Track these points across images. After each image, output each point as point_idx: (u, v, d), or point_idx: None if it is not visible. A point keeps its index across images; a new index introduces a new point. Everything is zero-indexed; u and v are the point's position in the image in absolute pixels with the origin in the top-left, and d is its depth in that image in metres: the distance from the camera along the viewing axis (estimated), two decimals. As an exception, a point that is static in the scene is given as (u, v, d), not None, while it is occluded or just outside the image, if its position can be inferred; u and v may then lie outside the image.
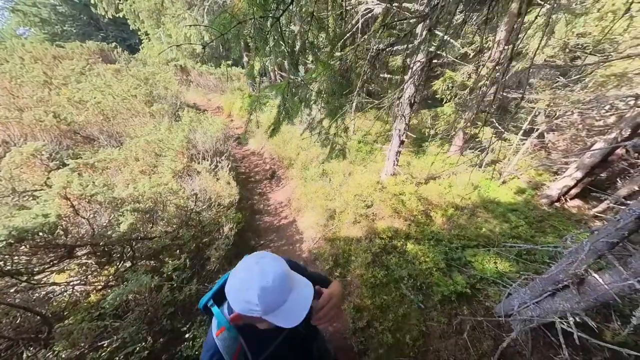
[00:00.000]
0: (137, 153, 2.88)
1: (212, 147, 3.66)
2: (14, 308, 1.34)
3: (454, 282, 2.25)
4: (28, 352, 1.27)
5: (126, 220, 1.77)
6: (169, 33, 6.80)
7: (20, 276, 1.40)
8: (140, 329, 1.49)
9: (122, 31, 14.56)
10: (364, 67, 1.23)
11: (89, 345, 1.38)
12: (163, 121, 3.86)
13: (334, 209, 3.24)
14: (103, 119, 3.77)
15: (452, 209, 3.37)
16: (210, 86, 8.93)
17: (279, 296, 0.54)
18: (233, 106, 7.02)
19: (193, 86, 8.99)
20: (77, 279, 1.68)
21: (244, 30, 0.90)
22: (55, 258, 1.55)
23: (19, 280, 1.40)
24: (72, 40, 10.12)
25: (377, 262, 2.50)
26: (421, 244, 2.71)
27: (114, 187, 2.06)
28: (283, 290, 0.55)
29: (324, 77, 1.42)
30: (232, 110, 7.04)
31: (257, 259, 0.57)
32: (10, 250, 1.34)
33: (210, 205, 2.60)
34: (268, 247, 2.88)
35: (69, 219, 1.66)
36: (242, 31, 0.90)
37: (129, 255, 1.88)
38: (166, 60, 8.13)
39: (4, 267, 1.33)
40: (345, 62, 1.25)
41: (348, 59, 1.24)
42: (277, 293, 0.54)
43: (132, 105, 4.18)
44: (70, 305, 1.59)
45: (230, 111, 7.09)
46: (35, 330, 1.40)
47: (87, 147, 3.37)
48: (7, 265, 1.35)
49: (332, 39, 1.75)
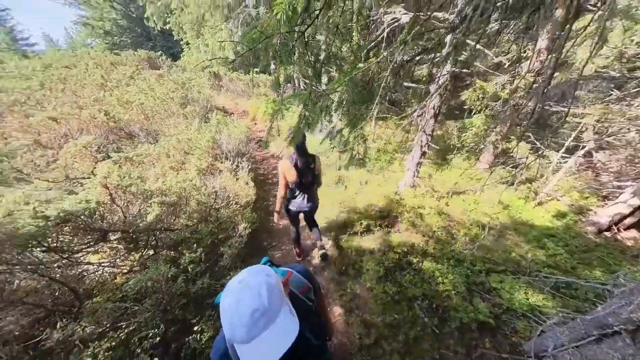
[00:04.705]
0: (169, 150, 3.14)
1: (235, 148, 3.86)
2: (55, 282, 1.51)
3: (475, 309, 2.05)
4: (61, 322, 1.41)
5: (153, 211, 1.92)
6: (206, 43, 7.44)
7: (62, 253, 1.58)
8: (155, 316, 1.58)
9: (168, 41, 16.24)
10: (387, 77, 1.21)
11: (110, 325, 1.50)
12: (194, 122, 4.18)
13: (347, 217, 3.18)
14: (144, 118, 4.19)
15: (477, 228, 3.11)
16: (239, 91, 9.53)
17: (243, 331, 0.48)
18: (258, 110, 7.38)
19: (223, 91, 9.66)
20: (107, 261, 1.85)
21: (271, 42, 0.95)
22: (91, 240, 1.73)
23: (61, 256, 1.58)
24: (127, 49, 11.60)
25: (389, 277, 2.38)
26: (440, 263, 2.53)
27: (146, 180, 2.26)
28: (251, 328, 0.48)
29: (346, 87, 1.43)
30: (256, 114, 7.40)
31: (244, 281, 0.53)
32: (57, 229, 1.52)
33: (228, 204, 2.72)
34: (279, 250, 2.90)
35: (106, 206, 1.85)
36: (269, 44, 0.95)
37: (152, 244, 2.02)
38: (202, 67, 8.88)
39: (51, 243, 1.52)
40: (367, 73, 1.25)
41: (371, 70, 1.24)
42: (243, 327, 0.47)
43: (169, 106, 4.60)
44: (99, 284, 1.75)
45: (255, 115, 7.45)
46: (69, 304, 1.56)
47: (128, 143, 3.76)
48: (53, 242, 1.53)
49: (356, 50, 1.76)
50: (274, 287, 0.54)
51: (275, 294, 0.53)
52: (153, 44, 16.91)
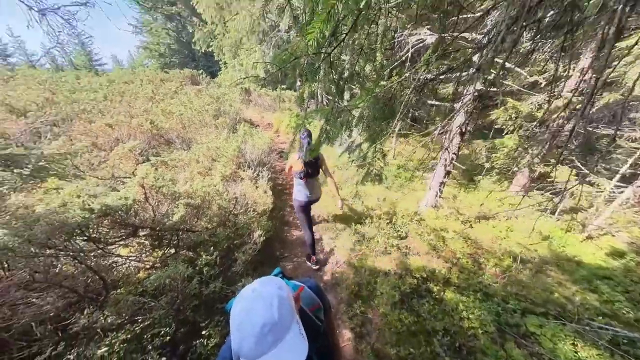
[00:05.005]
0: (199, 157, 3.41)
1: (257, 157, 4.06)
2: (89, 270, 1.66)
3: (508, 355, 1.77)
4: (88, 309, 1.52)
5: (179, 212, 2.06)
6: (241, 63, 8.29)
7: (99, 244, 1.75)
8: (168, 314, 1.63)
9: (209, 61, 18.44)
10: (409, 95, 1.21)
11: (129, 317, 1.57)
12: (223, 132, 4.53)
13: (363, 234, 3.07)
14: (181, 127, 4.67)
15: (510, 260, 2.77)
16: (266, 105, 10.26)
17: (251, 342, 0.46)
18: (281, 123, 7.79)
19: (252, 105, 10.47)
20: (134, 255, 2.00)
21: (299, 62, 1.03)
22: (124, 234, 1.90)
23: (97, 247, 1.75)
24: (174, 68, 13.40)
25: (406, 304, 2.19)
26: (465, 295, 2.27)
27: (176, 182, 2.46)
28: (259, 343, 0.46)
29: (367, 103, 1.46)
30: (280, 127, 7.80)
31: (256, 290, 0.52)
32: (98, 221, 1.70)
33: (246, 210, 2.81)
34: (291, 262, 2.87)
35: (140, 203, 2.03)
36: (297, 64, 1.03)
37: (174, 243, 2.14)
38: (235, 84, 9.84)
39: (91, 234, 1.69)
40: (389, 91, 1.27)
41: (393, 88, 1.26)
42: (252, 342, 0.46)
43: (203, 117, 5.08)
44: (124, 277, 1.88)
45: (278, 127, 7.86)
46: (97, 292, 1.69)
47: (166, 148, 4.18)
48: (93, 233, 1.71)
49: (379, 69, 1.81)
50: (285, 301, 0.52)
51: (285, 308, 0.51)
52: (196, 63, 19.36)
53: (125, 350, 1.39)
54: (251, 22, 6.30)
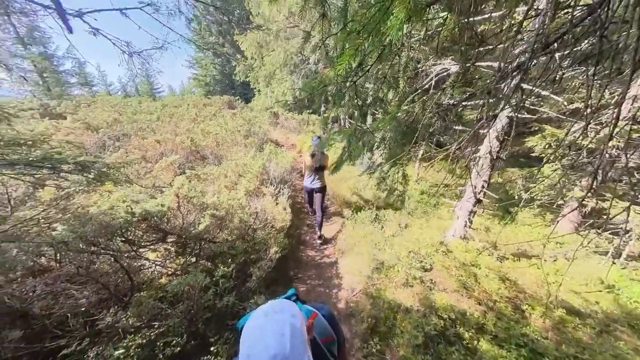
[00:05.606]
0: (227, 172, 3.69)
1: (280, 175, 4.25)
2: (122, 270, 1.80)
3: None
4: (114, 308, 1.62)
5: (204, 222, 2.19)
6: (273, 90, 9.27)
7: (133, 245, 1.91)
8: (182, 323, 1.65)
9: (245, 89, 20.98)
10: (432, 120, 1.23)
11: (147, 321, 1.63)
12: (251, 150, 4.90)
13: (381, 261, 2.88)
14: (215, 145, 5.18)
15: (563, 311, 2.32)
16: (291, 128, 11.00)
17: None
18: (305, 144, 8.18)
19: (279, 127, 11.32)
20: (160, 260, 2.13)
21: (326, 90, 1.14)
22: (155, 239, 2.06)
23: (131, 248, 1.91)
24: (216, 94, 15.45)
25: (431, 349, 1.91)
26: (504, 347, 1.92)
27: (205, 194, 2.67)
28: None
29: (390, 126, 1.50)
30: (303, 147, 8.18)
31: (267, 315, 0.51)
32: (137, 225, 1.89)
33: (265, 226, 2.88)
34: (305, 283, 2.77)
35: (172, 211, 2.22)
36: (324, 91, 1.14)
37: (196, 252, 2.25)
38: (266, 108, 10.90)
39: (129, 236, 1.87)
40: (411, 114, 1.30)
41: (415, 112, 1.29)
42: None
43: (235, 137, 5.60)
44: (149, 280, 1.98)
45: (301, 148, 8.24)
46: (124, 292, 1.80)
47: (200, 163, 4.62)
48: (130, 235, 1.89)
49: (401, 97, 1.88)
50: (298, 332, 0.49)
51: (297, 340, 0.48)
52: (234, 91, 22.24)
53: (138, 356, 1.42)
54: (285, 57, 7.26)
